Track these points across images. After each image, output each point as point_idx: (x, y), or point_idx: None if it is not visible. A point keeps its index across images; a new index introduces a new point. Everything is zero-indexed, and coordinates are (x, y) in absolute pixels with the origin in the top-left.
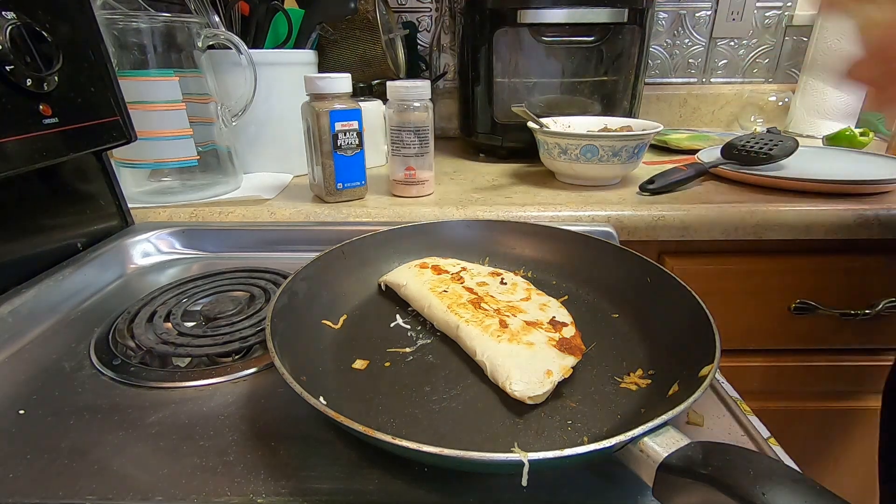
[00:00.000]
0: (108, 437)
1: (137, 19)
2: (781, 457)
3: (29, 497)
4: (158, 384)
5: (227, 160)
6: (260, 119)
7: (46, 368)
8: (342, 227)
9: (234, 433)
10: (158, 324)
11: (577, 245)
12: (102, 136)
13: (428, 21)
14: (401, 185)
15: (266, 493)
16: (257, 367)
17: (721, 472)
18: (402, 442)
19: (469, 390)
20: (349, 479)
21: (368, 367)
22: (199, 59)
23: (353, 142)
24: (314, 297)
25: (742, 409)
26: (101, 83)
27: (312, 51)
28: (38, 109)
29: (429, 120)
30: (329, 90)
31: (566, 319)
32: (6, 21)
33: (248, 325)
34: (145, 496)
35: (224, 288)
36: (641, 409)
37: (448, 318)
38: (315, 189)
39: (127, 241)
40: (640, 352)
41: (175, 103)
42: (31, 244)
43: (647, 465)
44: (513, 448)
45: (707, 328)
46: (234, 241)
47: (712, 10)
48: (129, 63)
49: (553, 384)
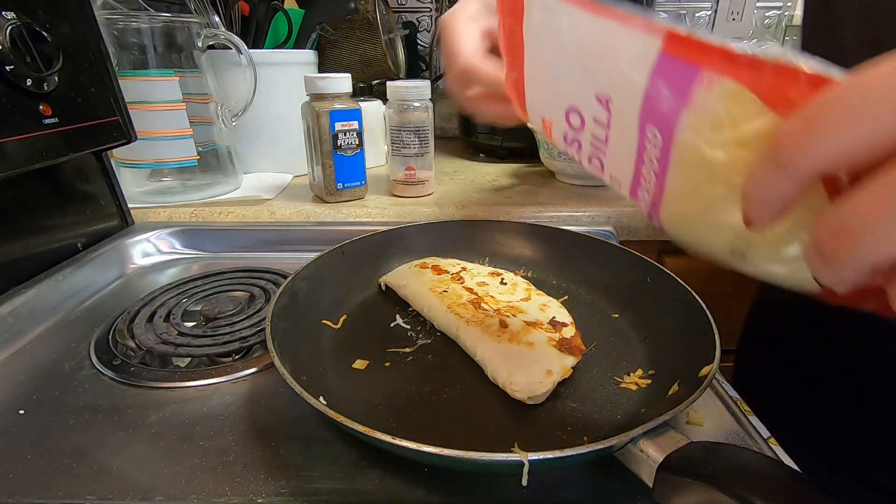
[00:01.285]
0: (108, 437)
1: (137, 19)
2: (781, 457)
3: (29, 497)
4: (158, 384)
5: (226, 160)
6: (260, 119)
7: (46, 368)
8: (342, 227)
9: (234, 433)
10: (158, 324)
11: (577, 245)
12: (102, 136)
13: (428, 21)
14: (401, 185)
15: (266, 493)
16: (257, 367)
17: (721, 472)
18: (402, 442)
19: (469, 390)
20: (349, 479)
21: (368, 367)
22: (199, 59)
23: (353, 142)
24: (314, 297)
25: (742, 409)
26: (101, 83)
27: (312, 51)
28: (38, 109)
29: (429, 120)
30: (329, 90)
31: (566, 319)
32: (6, 21)
33: (248, 325)
34: (145, 496)
35: (224, 288)
36: (641, 409)
37: (448, 318)
38: (315, 189)
39: (127, 241)
40: (640, 352)
41: (175, 103)
42: (31, 244)
43: (647, 465)
44: (513, 448)
45: (707, 328)
46: (234, 241)
47: (712, 10)
48: (129, 63)
49: (553, 384)
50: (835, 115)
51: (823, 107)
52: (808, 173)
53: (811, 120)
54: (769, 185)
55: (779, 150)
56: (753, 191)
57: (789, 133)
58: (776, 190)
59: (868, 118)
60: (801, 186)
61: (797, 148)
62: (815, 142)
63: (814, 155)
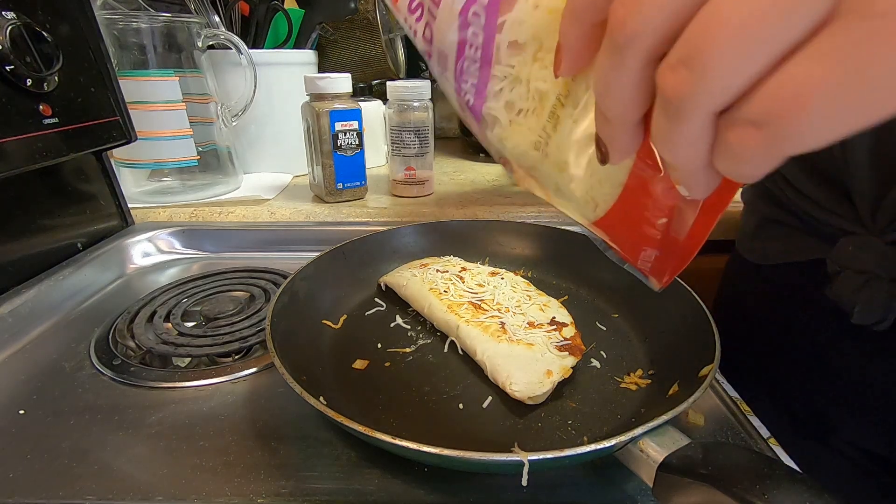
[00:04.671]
0: (108, 437)
1: (137, 19)
2: (781, 457)
3: (29, 497)
4: (158, 384)
5: (227, 160)
6: (260, 119)
7: (46, 368)
8: (342, 227)
9: (234, 433)
10: (158, 324)
11: (577, 245)
12: (102, 136)
13: None
14: (401, 185)
15: (266, 493)
16: (257, 367)
17: (721, 472)
18: (402, 442)
19: (469, 390)
20: (349, 479)
21: (368, 367)
22: (199, 59)
23: (353, 142)
24: (314, 297)
25: (742, 409)
26: (101, 83)
27: (312, 51)
28: (38, 109)
29: (429, 120)
30: (329, 90)
31: (566, 319)
32: (6, 21)
33: (248, 325)
34: (145, 496)
35: (224, 288)
36: (641, 409)
37: (448, 318)
38: (315, 189)
39: (127, 241)
40: (640, 352)
41: (175, 103)
42: (31, 244)
43: (647, 465)
44: (513, 448)
45: (707, 328)
46: (234, 241)
47: None
48: (129, 63)
49: (553, 384)
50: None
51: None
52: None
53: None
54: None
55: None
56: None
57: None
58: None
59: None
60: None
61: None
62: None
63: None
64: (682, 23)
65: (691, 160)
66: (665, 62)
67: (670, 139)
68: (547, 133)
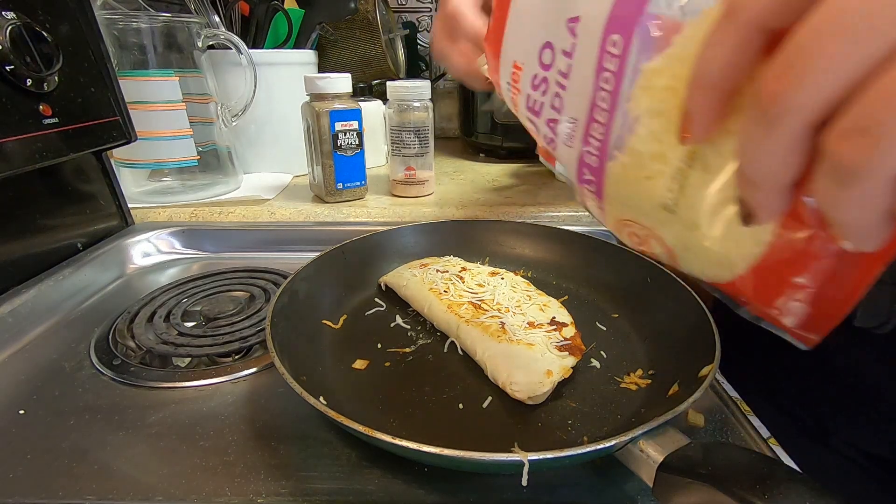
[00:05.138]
0: (108, 437)
1: (137, 19)
2: (781, 457)
3: (29, 497)
4: (158, 384)
5: (227, 160)
6: (260, 119)
7: (46, 368)
8: (342, 227)
9: (234, 433)
10: (158, 324)
11: (577, 245)
12: (102, 136)
13: (428, 21)
14: (401, 185)
15: (266, 493)
16: (257, 367)
17: (721, 472)
18: (402, 442)
19: (469, 390)
20: (349, 479)
21: (368, 367)
22: (199, 59)
23: (353, 142)
24: (314, 297)
25: (742, 409)
26: (101, 83)
27: (312, 51)
28: (38, 109)
29: (429, 120)
30: (329, 90)
31: (566, 319)
32: (6, 21)
33: (248, 325)
34: (145, 496)
35: (224, 288)
36: (641, 409)
37: (448, 318)
38: (315, 189)
39: (127, 241)
40: (640, 352)
41: (175, 103)
42: (31, 244)
43: (646, 465)
44: (513, 448)
45: (707, 328)
46: (234, 241)
47: None
48: (129, 63)
49: (553, 384)
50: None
51: (805, 40)
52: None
53: (794, 59)
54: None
55: (766, 99)
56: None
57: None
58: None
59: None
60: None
61: (786, 94)
62: (803, 84)
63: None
64: (848, 93)
65: (866, 220)
66: (836, 131)
67: (844, 203)
68: (674, 194)
